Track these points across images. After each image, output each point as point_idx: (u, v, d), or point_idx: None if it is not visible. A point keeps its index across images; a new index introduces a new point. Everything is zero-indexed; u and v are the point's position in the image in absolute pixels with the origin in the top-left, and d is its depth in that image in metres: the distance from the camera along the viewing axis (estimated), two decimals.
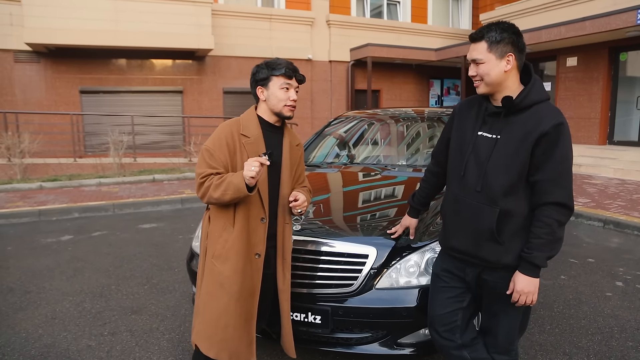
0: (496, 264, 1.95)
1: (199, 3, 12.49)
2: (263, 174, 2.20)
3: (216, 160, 2.16)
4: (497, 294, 2.01)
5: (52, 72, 12.51)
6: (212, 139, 2.21)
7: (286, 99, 2.24)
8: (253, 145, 2.22)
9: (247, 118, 2.29)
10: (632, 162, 9.88)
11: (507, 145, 1.88)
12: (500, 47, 1.87)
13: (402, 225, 2.50)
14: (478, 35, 1.91)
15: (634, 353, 3.10)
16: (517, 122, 1.88)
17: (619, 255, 5.16)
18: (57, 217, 7.03)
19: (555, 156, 1.82)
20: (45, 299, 3.99)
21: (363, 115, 5.19)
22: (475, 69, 1.93)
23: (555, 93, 13.34)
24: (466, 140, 2.02)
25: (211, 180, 2.12)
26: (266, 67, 2.24)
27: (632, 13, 9.81)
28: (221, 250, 2.19)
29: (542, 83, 1.94)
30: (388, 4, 16.74)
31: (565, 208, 1.85)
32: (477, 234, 1.96)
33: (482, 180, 1.92)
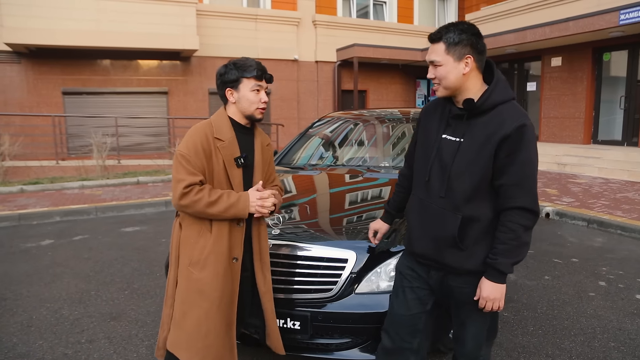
0: (459, 269, 1.91)
1: (183, 3, 12.38)
2: (238, 177, 2.19)
3: (193, 165, 2.09)
4: (463, 300, 1.96)
5: (33, 73, 12.31)
6: (186, 143, 2.13)
7: (257, 102, 2.18)
8: (227, 148, 2.17)
9: (219, 120, 2.22)
10: (616, 161, 9.98)
11: (469, 149, 1.82)
12: (459, 49, 1.80)
13: (371, 228, 2.37)
14: (436, 36, 1.84)
15: (616, 354, 3.10)
16: (479, 125, 1.82)
17: (602, 254, 5.18)
18: (37, 221, 6.90)
19: (518, 159, 1.76)
20: (21, 306, 3.90)
21: (348, 116, 5.16)
22: (434, 72, 1.87)
23: (540, 93, 13.45)
24: (430, 143, 1.96)
25: (199, 193, 2.06)
26: (235, 68, 2.16)
27: (614, 14, 9.91)
28: (199, 257, 2.14)
29: (506, 83, 1.88)
30: (374, 4, 16.75)
31: (529, 212, 1.79)
32: (440, 240, 1.91)
33: (446, 186, 1.87)
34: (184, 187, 2.05)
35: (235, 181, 2.18)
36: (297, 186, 3.67)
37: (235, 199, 2.10)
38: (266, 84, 2.22)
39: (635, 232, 5.81)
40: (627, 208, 6.82)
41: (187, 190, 2.05)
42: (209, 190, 2.08)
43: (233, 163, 2.18)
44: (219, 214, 2.09)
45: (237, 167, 2.19)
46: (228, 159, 2.16)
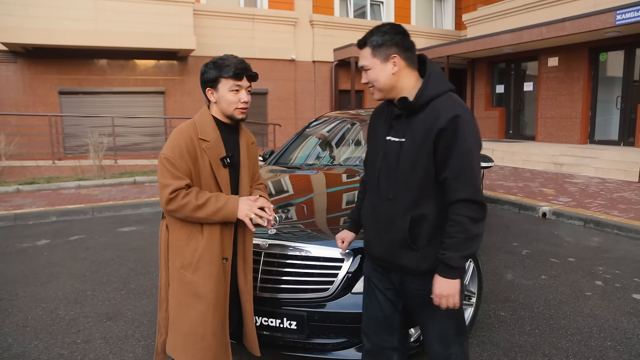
0: (415, 271, 1.89)
1: (180, 3, 12.36)
2: (225, 177, 2.17)
3: (179, 169, 2.04)
4: (422, 302, 1.94)
5: (29, 73, 12.28)
6: (171, 146, 2.07)
7: (237, 102, 2.13)
8: (213, 149, 2.13)
9: (203, 120, 2.17)
10: (612, 161, 10.00)
11: (411, 148, 1.82)
12: (383, 50, 1.81)
13: (337, 239, 2.31)
14: (362, 42, 1.86)
15: (612, 353, 3.11)
16: (418, 122, 1.82)
17: (599, 254, 5.19)
18: (33, 221, 6.87)
19: (456, 151, 1.74)
20: (17, 306, 3.88)
21: (345, 115, 5.16)
22: (365, 76, 1.88)
23: (537, 93, 13.48)
24: (378, 146, 1.96)
25: (186, 197, 2.02)
26: (214, 67, 2.11)
27: (611, 14, 9.93)
28: (191, 259, 2.11)
29: (439, 75, 1.87)
30: (371, 4, 16.76)
31: (473, 203, 1.76)
32: (393, 242, 1.90)
33: (393, 188, 1.86)
34: (170, 192, 2.01)
35: (223, 181, 2.15)
36: (294, 186, 3.67)
37: (223, 202, 2.07)
38: (248, 83, 2.15)
39: (632, 232, 5.82)
40: (624, 208, 6.83)
41: (174, 195, 2.01)
42: (196, 194, 2.05)
43: (219, 163, 2.14)
44: (207, 218, 2.06)
45: (224, 167, 2.16)
46: (214, 160, 2.12)
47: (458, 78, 17.60)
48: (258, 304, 2.51)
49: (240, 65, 2.10)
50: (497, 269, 4.68)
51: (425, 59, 1.90)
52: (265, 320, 2.51)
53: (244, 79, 2.12)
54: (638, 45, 11.09)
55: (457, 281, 1.80)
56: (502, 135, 14.86)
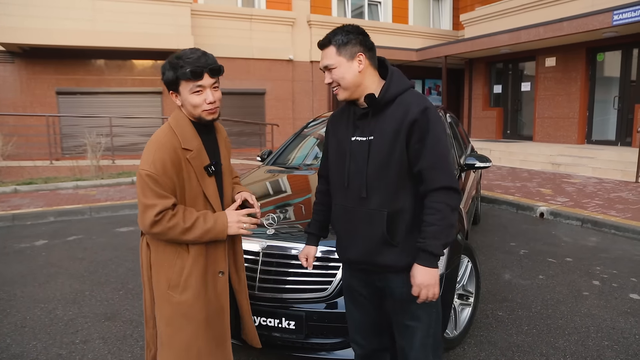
0: (395, 267, 1.88)
1: (178, 3, 12.36)
2: (212, 185, 2.00)
3: (163, 186, 1.84)
4: (404, 300, 1.91)
5: (27, 73, 12.26)
6: (152, 161, 1.84)
7: (201, 104, 1.90)
8: (197, 158, 1.94)
9: (182, 126, 1.95)
10: (610, 161, 10.03)
11: (381, 144, 1.82)
12: (349, 48, 1.82)
13: (301, 257, 2.20)
14: (325, 41, 1.86)
15: (610, 352, 3.12)
16: (385, 118, 1.83)
17: (596, 254, 5.21)
18: (31, 221, 6.87)
19: (429, 141, 1.77)
20: (15, 307, 3.88)
21: None
22: (330, 76, 1.87)
23: (534, 93, 13.51)
24: (343, 149, 1.94)
25: (173, 219, 1.84)
26: (170, 68, 1.87)
27: (608, 14, 9.97)
28: (178, 280, 1.94)
29: (400, 73, 1.91)
30: (369, 4, 16.77)
31: (452, 191, 1.79)
32: (371, 240, 1.87)
33: (365, 185, 1.85)
34: (155, 213, 1.80)
35: (210, 191, 1.99)
36: (292, 186, 3.67)
37: (212, 222, 1.92)
38: (212, 79, 1.90)
39: (629, 232, 5.84)
40: (621, 208, 6.85)
41: (160, 217, 1.82)
42: (182, 214, 1.87)
43: (204, 173, 1.97)
44: (195, 240, 1.90)
45: (209, 175, 1.99)
46: (199, 170, 1.95)
47: (455, 78, 17.64)
48: (256, 304, 2.52)
49: (197, 62, 1.85)
50: (495, 269, 4.70)
51: (384, 61, 1.94)
52: (264, 320, 2.52)
53: (206, 76, 1.87)
54: (635, 45, 11.13)
55: (436, 270, 1.79)
56: (500, 135, 14.89)
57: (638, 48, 11.13)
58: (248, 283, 2.55)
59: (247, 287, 2.29)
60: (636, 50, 11.19)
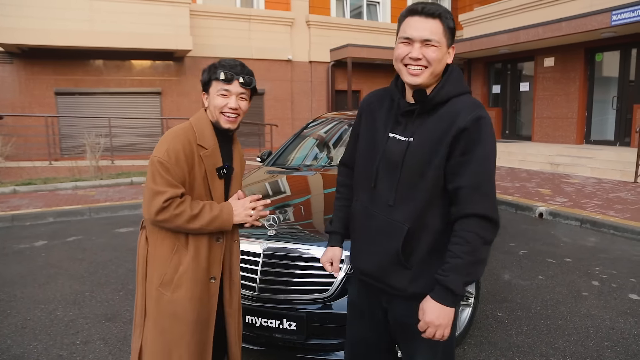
0: (402, 291, 1.63)
1: (176, 3, 12.36)
2: (220, 188, 2.02)
3: (173, 175, 1.85)
4: (408, 330, 1.66)
5: (25, 73, 12.25)
6: (166, 149, 1.86)
7: (222, 106, 1.93)
8: (210, 157, 1.96)
9: (202, 125, 1.98)
10: (608, 161, 10.05)
11: (420, 149, 1.57)
12: (452, 36, 1.59)
13: (324, 262, 1.94)
14: (435, 11, 1.55)
15: (609, 353, 3.13)
16: (431, 121, 1.58)
17: (595, 254, 5.22)
18: (30, 222, 6.86)
19: (475, 157, 1.51)
20: (15, 308, 3.87)
21: (342, 116, 5.17)
22: (423, 51, 1.55)
23: (533, 93, 13.53)
24: (376, 143, 1.69)
25: (180, 206, 1.84)
26: (208, 70, 1.96)
27: (606, 14, 9.99)
28: (172, 276, 1.92)
29: (461, 74, 1.66)
30: (368, 5, 16.79)
31: (489, 222, 1.51)
32: (384, 255, 1.63)
33: (395, 193, 1.60)
34: (164, 200, 1.81)
35: (217, 193, 2.00)
36: (291, 187, 3.68)
37: (218, 211, 1.92)
38: (241, 89, 1.94)
39: (628, 232, 5.85)
40: (620, 208, 6.87)
41: (167, 204, 1.82)
42: (190, 203, 1.87)
43: (215, 174, 1.99)
44: (201, 228, 1.89)
45: (219, 178, 2.00)
46: (210, 169, 1.96)
47: None
48: (257, 305, 2.53)
49: (235, 69, 1.93)
50: (495, 269, 4.71)
51: None
52: (265, 321, 2.52)
53: (235, 83, 1.92)
54: (634, 45, 11.15)
55: (452, 310, 1.53)
56: (499, 135, 14.91)
57: (636, 48, 11.16)
58: (249, 285, 2.56)
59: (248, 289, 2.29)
60: (635, 50, 11.22)
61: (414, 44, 1.55)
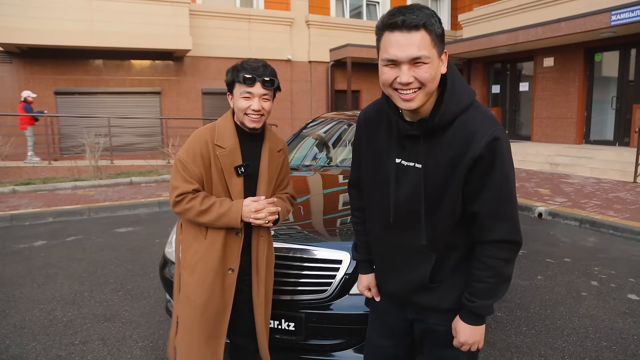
0: (437, 309, 1.60)
1: (176, 3, 12.36)
2: (238, 186, 2.08)
3: (190, 173, 2.02)
4: (441, 339, 1.64)
5: (25, 73, 12.25)
6: (186, 149, 2.05)
7: (246, 109, 2.00)
8: (227, 157, 2.05)
9: (223, 126, 2.10)
10: (608, 161, 10.05)
11: (434, 176, 1.44)
12: (442, 42, 1.37)
13: (362, 290, 1.85)
14: (417, 21, 1.30)
15: (608, 353, 3.13)
16: (441, 145, 1.42)
17: (594, 254, 5.22)
18: (30, 221, 6.86)
19: (492, 183, 1.40)
20: (14, 308, 3.87)
21: (341, 116, 5.17)
22: (414, 72, 1.33)
23: (532, 93, 13.54)
24: (382, 169, 1.55)
25: (191, 201, 2.00)
26: (232, 70, 2.03)
27: (606, 14, 9.99)
28: (190, 261, 2.09)
29: (461, 81, 1.45)
30: (367, 5, 16.79)
31: (511, 244, 1.47)
32: (412, 281, 1.58)
33: (419, 225, 1.50)
34: (177, 194, 2.00)
35: (235, 190, 2.08)
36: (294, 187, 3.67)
37: (226, 208, 2.01)
38: (263, 90, 1.99)
39: (627, 232, 5.85)
40: (619, 208, 6.87)
41: (180, 198, 2.00)
42: (201, 199, 2.01)
43: (233, 172, 2.06)
44: (211, 223, 2.02)
45: (238, 176, 2.07)
46: (227, 168, 2.05)
47: None
48: None
49: (257, 71, 1.97)
50: None
51: None
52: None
53: (257, 85, 1.97)
54: (633, 45, 11.16)
55: (483, 326, 1.55)
56: None
57: (636, 48, 11.16)
58: None
59: None
60: (634, 50, 11.22)
61: (401, 66, 1.33)
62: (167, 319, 3.63)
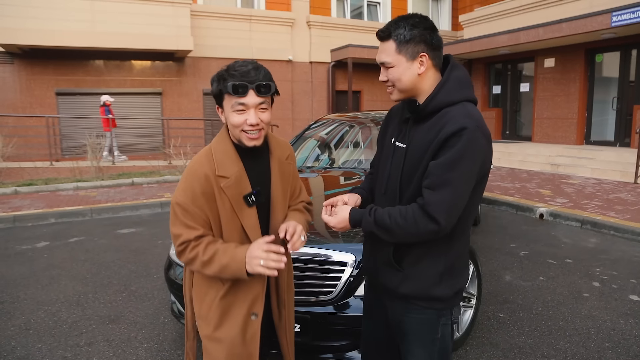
0: (393, 292, 1.69)
1: (177, 4, 12.37)
2: (252, 218, 1.74)
3: (192, 217, 1.67)
4: (400, 329, 1.73)
5: (26, 74, 12.26)
6: (183, 189, 1.68)
7: (241, 124, 1.65)
8: (234, 187, 1.69)
9: (221, 150, 1.72)
10: (608, 161, 10.06)
11: (412, 157, 1.61)
12: (411, 47, 1.56)
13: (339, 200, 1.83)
14: (385, 33, 1.59)
15: (610, 354, 3.15)
16: (423, 130, 1.60)
17: (595, 255, 5.24)
18: (32, 222, 6.87)
19: (444, 159, 1.50)
20: (19, 309, 3.89)
21: (343, 118, 5.19)
22: (385, 74, 1.62)
23: (533, 93, 13.55)
24: (386, 151, 1.76)
25: (193, 250, 1.67)
26: (217, 79, 1.66)
27: (606, 15, 10.00)
28: (207, 312, 1.78)
29: (459, 81, 1.61)
30: (368, 5, 16.80)
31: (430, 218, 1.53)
32: (379, 255, 1.71)
33: (397, 197, 1.65)
34: (179, 243, 1.68)
35: (249, 223, 1.72)
36: None
37: (228, 260, 1.64)
38: (259, 99, 1.63)
39: (628, 233, 5.87)
40: (620, 209, 6.89)
41: (182, 247, 1.68)
42: (204, 247, 1.67)
43: (242, 203, 1.71)
44: (217, 275, 1.69)
45: (249, 206, 1.72)
46: (235, 200, 1.70)
47: None
48: None
49: (244, 76, 1.60)
50: (496, 271, 4.72)
51: (449, 60, 1.66)
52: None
53: (251, 94, 1.61)
54: (634, 46, 11.17)
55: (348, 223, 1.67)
56: (499, 136, 14.93)
57: (636, 49, 11.18)
58: None
59: None
60: (635, 51, 11.23)
61: (382, 68, 1.65)
62: (171, 320, 3.65)
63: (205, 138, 13.59)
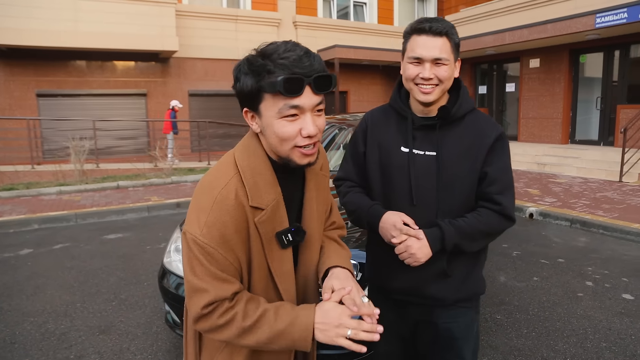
0: (446, 301, 1.67)
1: (162, 3, 12.21)
2: (287, 263, 1.26)
3: (221, 263, 1.13)
4: (449, 336, 1.70)
5: (5, 74, 11.97)
6: (205, 224, 1.12)
7: (294, 137, 1.14)
8: (268, 222, 1.19)
9: (255, 170, 1.20)
10: (594, 160, 10.19)
11: (450, 164, 1.60)
12: (458, 51, 1.63)
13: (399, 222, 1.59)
14: (442, 29, 1.55)
15: (608, 354, 3.14)
16: (454, 135, 1.63)
17: (586, 254, 5.27)
18: (14, 229, 6.68)
19: (501, 169, 1.63)
20: (3, 321, 3.74)
21: (332, 120, 5.13)
22: (434, 71, 1.56)
23: (519, 93, 13.67)
24: (394, 160, 1.67)
25: (229, 313, 1.14)
26: (250, 70, 1.11)
27: (590, 17, 10.12)
28: None
29: (466, 89, 1.73)
30: (354, 5, 16.79)
31: (508, 220, 1.65)
32: (425, 270, 1.61)
33: (436, 208, 1.61)
34: (205, 304, 1.13)
35: (282, 269, 1.24)
36: None
37: (287, 323, 1.14)
38: (317, 98, 1.13)
39: (617, 232, 5.92)
40: (608, 207, 6.95)
41: (210, 308, 1.14)
42: (244, 306, 1.16)
43: (274, 242, 1.21)
44: (260, 346, 1.17)
45: (282, 247, 1.23)
46: (268, 238, 1.20)
47: None
48: None
49: (297, 65, 1.09)
50: (490, 271, 4.71)
51: None
52: None
53: (307, 92, 1.11)
54: (617, 47, 11.33)
55: (429, 252, 1.55)
56: None
57: (619, 50, 11.34)
58: None
59: None
60: (618, 51, 11.40)
61: (424, 64, 1.57)
62: (165, 329, 3.55)
63: (191, 140, 13.41)
